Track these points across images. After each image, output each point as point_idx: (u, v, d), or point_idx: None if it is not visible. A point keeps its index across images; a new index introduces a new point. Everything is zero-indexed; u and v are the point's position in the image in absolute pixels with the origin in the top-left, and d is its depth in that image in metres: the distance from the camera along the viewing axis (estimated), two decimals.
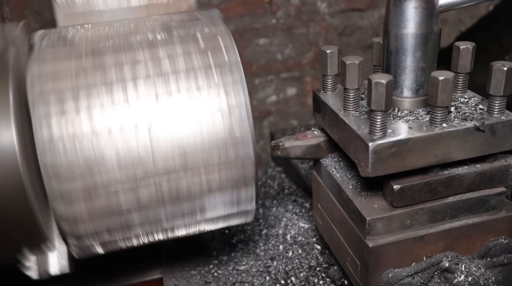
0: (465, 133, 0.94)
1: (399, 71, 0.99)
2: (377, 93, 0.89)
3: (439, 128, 0.94)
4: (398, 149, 0.92)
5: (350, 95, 1.00)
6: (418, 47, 0.97)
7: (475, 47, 1.04)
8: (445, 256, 1.00)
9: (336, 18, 2.22)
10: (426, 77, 0.99)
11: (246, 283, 1.20)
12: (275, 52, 2.23)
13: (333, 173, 1.08)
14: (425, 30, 0.96)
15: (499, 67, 0.92)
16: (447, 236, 1.00)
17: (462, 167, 0.99)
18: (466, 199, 0.99)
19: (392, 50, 0.99)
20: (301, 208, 1.46)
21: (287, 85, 2.30)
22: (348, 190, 1.03)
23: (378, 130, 0.92)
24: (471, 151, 0.96)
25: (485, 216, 1.01)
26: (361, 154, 0.94)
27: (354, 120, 0.98)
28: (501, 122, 0.95)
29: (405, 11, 0.95)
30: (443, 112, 0.93)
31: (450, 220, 1.00)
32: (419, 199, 0.97)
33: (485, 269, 0.99)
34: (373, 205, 0.99)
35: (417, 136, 0.92)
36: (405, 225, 0.98)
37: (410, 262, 1.00)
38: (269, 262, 1.26)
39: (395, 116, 0.98)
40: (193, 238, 1.36)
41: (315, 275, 1.21)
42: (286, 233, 1.35)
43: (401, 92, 1.01)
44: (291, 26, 2.20)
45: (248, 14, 2.15)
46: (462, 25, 2.16)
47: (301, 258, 1.26)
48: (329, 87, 1.10)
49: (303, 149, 1.11)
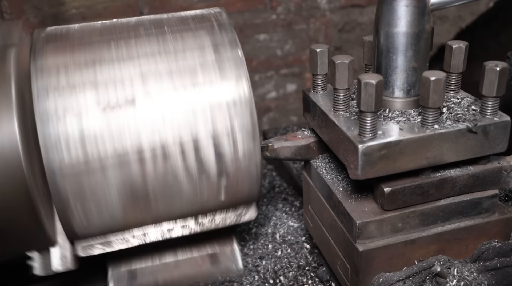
0: (457, 135, 0.92)
1: (390, 70, 0.97)
2: (366, 93, 0.87)
3: (430, 129, 0.91)
4: (389, 151, 0.90)
5: (340, 95, 0.98)
6: (409, 46, 0.95)
7: (468, 47, 1.01)
8: (437, 260, 0.98)
9: (336, 14, 2.20)
10: (417, 77, 0.97)
11: (235, 283, 1.19)
12: (275, 48, 2.22)
13: (323, 174, 1.06)
14: (417, 28, 0.94)
15: (492, 67, 0.90)
16: (439, 240, 0.98)
17: (454, 170, 0.97)
18: (459, 202, 0.97)
19: (383, 49, 0.97)
20: (291, 206, 1.45)
21: (287, 81, 2.29)
22: (338, 192, 1.01)
23: (368, 132, 0.90)
24: (463, 153, 0.94)
25: (478, 219, 0.99)
26: (350, 156, 0.92)
27: (344, 121, 0.96)
28: (494, 123, 0.92)
29: (396, 9, 0.93)
30: (434, 113, 0.91)
31: (442, 223, 0.98)
32: (411, 202, 0.95)
33: (477, 273, 0.97)
34: (364, 208, 0.97)
35: (408, 138, 0.90)
36: (396, 228, 0.96)
37: (401, 266, 0.98)
38: (258, 261, 1.25)
39: (386, 117, 0.96)
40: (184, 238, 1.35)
41: (304, 275, 1.20)
42: (275, 232, 1.34)
43: (392, 92, 0.98)
44: (291, 22, 2.18)
45: (248, 9, 2.13)
46: (462, 21, 2.13)
47: (290, 258, 1.25)
48: (319, 86, 1.08)
49: (292, 150, 1.09)
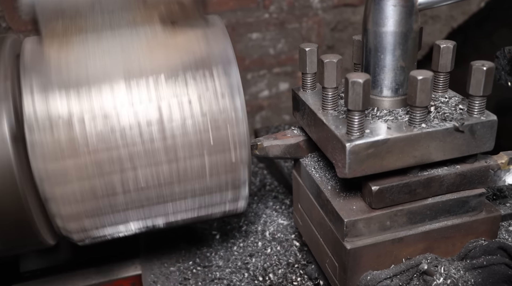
0: (445, 134, 0.92)
1: (378, 69, 0.98)
2: (354, 92, 0.87)
3: (418, 128, 0.92)
4: (376, 150, 0.91)
5: (328, 94, 0.99)
6: (397, 45, 0.95)
7: (455, 46, 1.02)
8: (424, 258, 0.98)
9: (328, 13, 2.20)
10: (405, 76, 0.97)
11: (225, 280, 1.20)
12: (267, 46, 2.22)
13: (312, 173, 1.07)
14: (404, 28, 0.94)
15: (478, 67, 0.90)
16: (426, 238, 0.98)
17: (441, 168, 0.97)
18: (446, 200, 0.98)
19: (371, 49, 0.97)
20: (281, 204, 1.46)
21: (279, 80, 2.29)
22: (327, 191, 1.01)
23: (355, 130, 0.90)
24: (450, 152, 0.94)
25: (465, 218, 1.00)
26: (338, 154, 0.92)
27: (333, 120, 0.97)
28: (480, 122, 0.93)
29: (384, 9, 0.93)
30: (422, 112, 0.92)
31: (429, 222, 0.99)
32: (398, 201, 0.95)
33: (464, 271, 0.97)
34: (352, 206, 0.97)
35: (395, 137, 0.91)
36: (384, 226, 0.96)
37: (389, 264, 0.98)
38: (248, 258, 1.26)
39: (374, 116, 0.97)
40: (172, 234, 1.36)
41: (293, 272, 1.21)
42: (265, 230, 1.35)
43: (381, 91, 0.99)
44: (284, 20, 2.18)
45: (240, 8, 2.13)
46: (454, 21, 2.14)
47: (279, 255, 1.26)
48: (309, 85, 1.08)
49: (282, 149, 1.09)
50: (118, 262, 1.32)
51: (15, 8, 1.82)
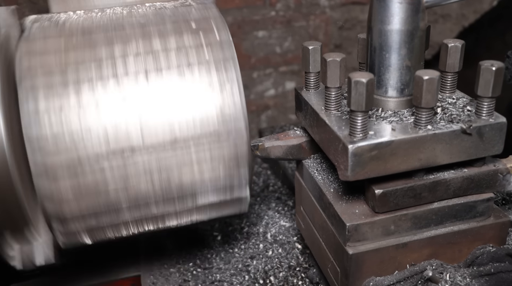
0: (451, 136, 0.89)
1: (383, 69, 0.95)
2: (357, 92, 0.84)
3: (423, 130, 0.89)
4: (380, 152, 0.88)
5: (331, 94, 0.96)
6: (403, 44, 0.92)
7: (464, 45, 0.98)
8: (429, 264, 0.95)
9: (336, 11, 2.17)
10: (411, 76, 0.94)
11: (225, 282, 1.18)
12: (274, 45, 2.19)
13: (315, 175, 1.04)
14: (411, 26, 0.91)
15: (487, 67, 0.87)
16: (432, 244, 0.96)
17: (448, 172, 0.94)
18: (452, 205, 0.95)
19: (376, 47, 0.94)
20: (284, 206, 1.44)
21: (285, 79, 2.26)
22: (329, 194, 0.99)
23: (358, 132, 0.87)
24: (457, 155, 0.91)
25: (472, 223, 0.97)
26: (340, 156, 0.89)
27: (335, 120, 0.94)
28: (489, 124, 0.90)
29: (389, 6, 0.90)
30: (428, 113, 0.88)
31: (435, 227, 0.96)
32: (403, 205, 0.93)
33: (470, 278, 0.94)
34: (354, 210, 0.94)
35: (400, 139, 0.88)
36: (388, 231, 0.93)
37: (392, 270, 0.95)
38: (249, 261, 1.24)
39: (378, 117, 0.94)
40: (173, 235, 1.35)
41: (294, 275, 1.19)
42: (266, 232, 1.33)
43: (385, 91, 0.96)
44: (290, 18, 2.16)
45: (247, 6, 2.11)
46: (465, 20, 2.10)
47: (281, 258, 1.24)
48: (312, 85, 1.05)
49: (284, 150, 1.06)
50: (118, 262, 1.31)
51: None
